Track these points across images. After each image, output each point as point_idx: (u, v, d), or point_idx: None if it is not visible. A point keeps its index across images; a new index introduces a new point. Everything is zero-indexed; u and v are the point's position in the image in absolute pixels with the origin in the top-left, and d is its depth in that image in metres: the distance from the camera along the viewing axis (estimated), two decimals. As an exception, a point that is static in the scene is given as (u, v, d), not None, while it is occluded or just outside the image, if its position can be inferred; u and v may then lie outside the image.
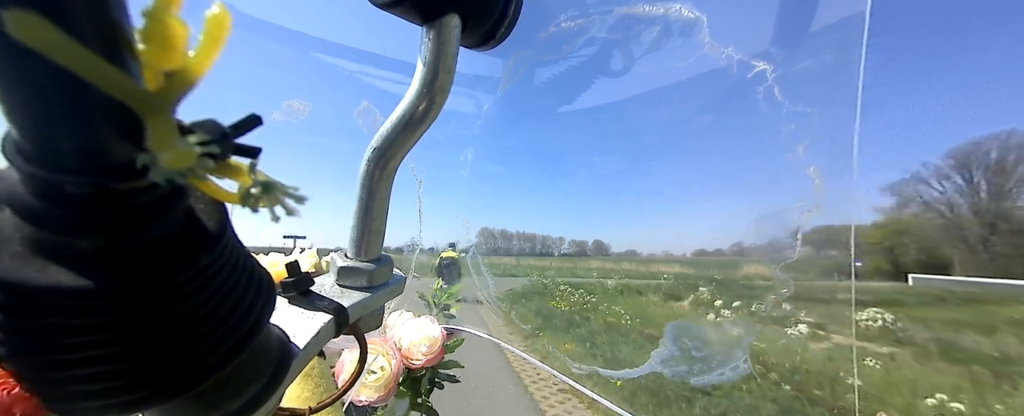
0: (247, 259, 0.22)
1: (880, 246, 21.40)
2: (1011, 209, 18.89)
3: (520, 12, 0.34)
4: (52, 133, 0.14)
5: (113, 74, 0.13)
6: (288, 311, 0.34)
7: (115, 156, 0.15)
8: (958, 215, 20.12)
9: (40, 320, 0.15)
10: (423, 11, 0.30)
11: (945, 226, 20.62)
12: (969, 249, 19.44)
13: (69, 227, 0.15)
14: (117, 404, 0.17)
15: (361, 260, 0.39)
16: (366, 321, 0.42)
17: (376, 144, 0.34)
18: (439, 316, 1.11)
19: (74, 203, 0.15)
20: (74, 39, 0.12)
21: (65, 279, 0.15)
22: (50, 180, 0.14)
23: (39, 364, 0.16)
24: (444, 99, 0.33)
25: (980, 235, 19.30)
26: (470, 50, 0.36)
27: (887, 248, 21.38)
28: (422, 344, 0.94)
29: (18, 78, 0.12)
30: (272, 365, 0.26)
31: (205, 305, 0.19)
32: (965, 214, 19.98)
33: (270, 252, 0.75)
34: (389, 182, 0.37)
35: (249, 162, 0.17)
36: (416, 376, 0.98)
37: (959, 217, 20.07)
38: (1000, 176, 19.32)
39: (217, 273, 0.19)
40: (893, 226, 21.63)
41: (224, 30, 0.15)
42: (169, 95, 0.15)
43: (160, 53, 0.14)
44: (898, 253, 21.34)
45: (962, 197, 20.14)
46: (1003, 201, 19.23)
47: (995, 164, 19.40)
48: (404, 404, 0.97)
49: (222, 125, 0.17)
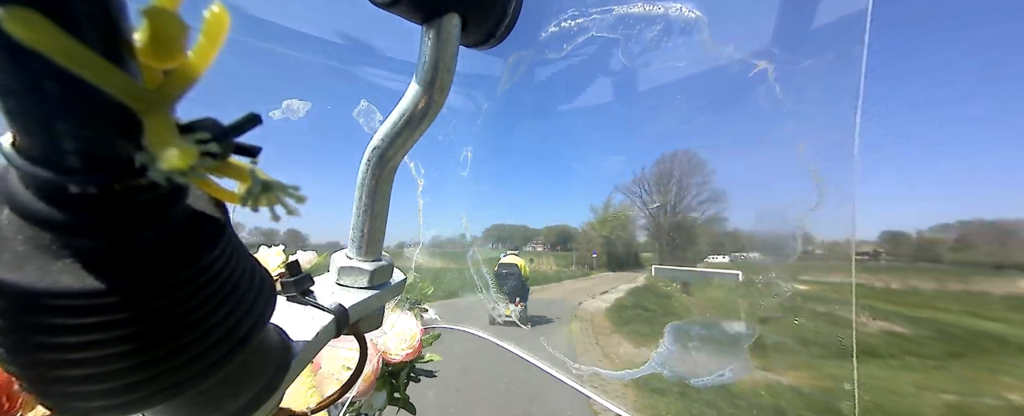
0: (247, 258, 0.22)
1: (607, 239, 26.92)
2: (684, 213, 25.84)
3: (520, 11, 0.34)
4: (51, 132, 0.14)
5: (112, 73, 0.13)
6: (289, 311, 0.34)
7: (115, 155, 0.15)
8: (655, 215, 26.68)
9: (41, 321, 0.15)
10: (423, 10, 0.30)
11: (647, 225, 27.29)
12: (662, 245, 25.95)
13: (69, 227, 0.15)
14: (119, 404, 0.17)
15: (361, 260, 0.39)
16: (367, 321, 0.42)
17: (376, 144, 0.34)
18: (414, 312, 1.11)
19: (74, 203, 0.15)
20: (73, 38, 0.12)
21: (66, 279, 0.15)
22: (50, 180, 0.14)
23: (41, 365, 0.16)
24: (444, 98, 0.33)
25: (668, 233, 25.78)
26: (470, 49, 0.36)
27: (611, 241, 26.90)
28: (400, 339, 0.96)
29: (17, 77, 0.12)
30: (273, 365, 0.26)
31: (206, 305, 0.19)
32: (659, 215, 26.57)
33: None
34: (389, 182, 0.37)
35: (249, 161, 0.17)
36: (394, 370, 1.00)
37: (656, 217, 26.57)
38: (669, 184, 26.32)
39: (218, 273, 0.19)
40: (614, 222, 27.14)
41: (223, 29, 0.15)
42: (168, 94, 0.15)
43: (159, 52, 0.14)
44: (619, 247, 26.99)
45: (656, 200, 26.60)
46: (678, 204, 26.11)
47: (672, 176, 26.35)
48: (381, 397, 0.98)
49: (222, 124, 0.16)
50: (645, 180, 27.56)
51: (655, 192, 26.84)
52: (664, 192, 26.58)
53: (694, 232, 25.74)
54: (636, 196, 27.86)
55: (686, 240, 25.88)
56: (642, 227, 27.80)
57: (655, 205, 26.21)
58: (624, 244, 27.57)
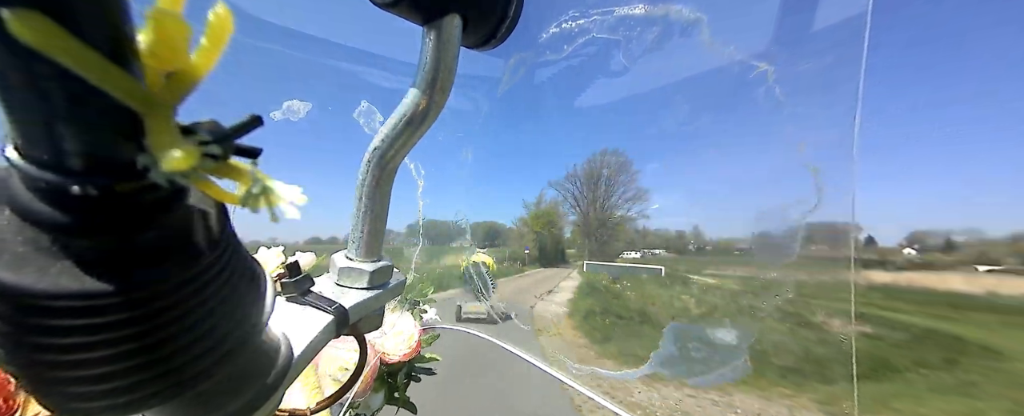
0: (247, 260, 0.22)
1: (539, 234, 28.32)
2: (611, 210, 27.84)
3: (521, 12, 0.34)
4: (53, 134, 0.14)
5: (115, 74, 0.13)
6: (289, 311, 0.34)
7: (116, 157, 0.15)
8: (584, 213, 28.68)
9: (41, 322, 0.15)
10: (424, 11, 0.30)
11: (576, 221, 29.23)
12: (591, 241, 27.90)
13: (70, 228, 0.15)
14: (119, 405, 0.17)
15: (361, 261, 0.39)
16: (366, 322, 0.42)
17: (376, 144, 0.34)
18: (413, 313, 1.11)
19: (75, 204, 0.15)
20: (77, 39, 0.12)
21: (66, 281, 0.15)
22: (51, 181, 0.14)
23: (41, 365, 0.16)
24: (445, 99, 0.33)
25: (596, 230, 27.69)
26: (471, 50, 0.36)
27: (542, 236, 28.06)
28: (398, 339, 0.96)
29: (20, 78, 0.12)
30: (273, 365, 0.26)
31: (206, 306, 0.19)
32: (587, 212, 28.56)
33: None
34: (389, 182, 0.37)
35: (250, 163, 0.17)
36: (392, 370, 1.00)
37: (585, 215, 28.60)
38: (598, 183, 28.26)
39: (218, 274, 0.19)
40: (546, 217, 28.45)
41: (226, 32, 0.15)
42: (170, 96, 0.15)
43: (162, 54, 0.14)
44: (549, 243, 28.30)
45: (585, 196, 28.74)
46: (606, 202, 28.16)
47: (600, 175, 28.19)
48: (379, 398, 0.98)
49: (223, 126, 0.16)
50: (577, 176, 28.96)
51: (586, 189, 28.20)
52: (593, 188, 27.97)
53: (618, 229, 27.20)
54: (568, 192, 29.21)
55: (612, 236, 27.27)
56: (571, 223, 29.21)
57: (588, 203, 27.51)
58: (554, 240, 28.46)
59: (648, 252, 27.68)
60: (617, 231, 27.47)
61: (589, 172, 28.21)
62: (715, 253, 26.44)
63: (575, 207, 28.61)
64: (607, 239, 27.35)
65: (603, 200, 27.75)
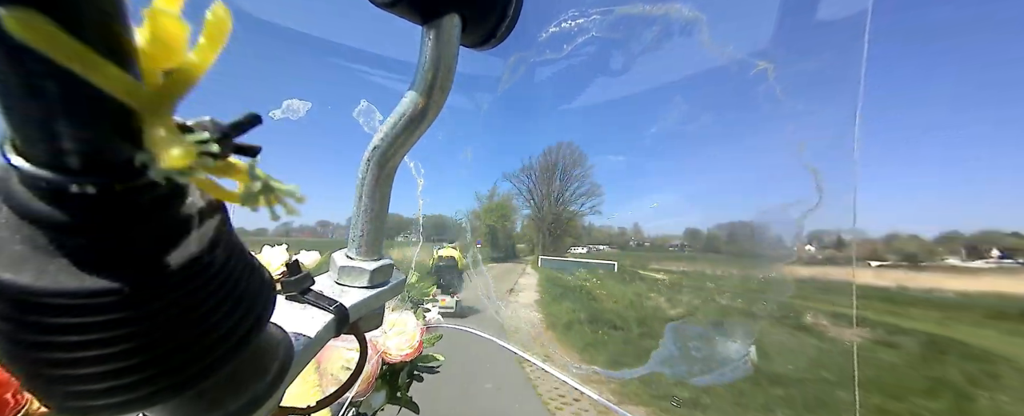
0: (247, 258, 0.22)
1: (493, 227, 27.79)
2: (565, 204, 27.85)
3: (520, 12, 0.34)
4: (52, 132, 0.14)
5: (113, 73, 0.13)
6: (289, 310, 0.34)
7: (114, 155, 0.15)
8: (539, 206, 28.36)
9: (40, 320, 0.15)
10: (423, 10, 0.30)
11: (530, 215, 28.98)
12: (544, 235, 27.74)
13: (69, 227, 0.15)
14: (118, 403, 0.17)
15: (362, 259, 0.39)
16: (367, 320, 0.42)
17: (376, 143, 0.34)
18: (416, 312, 1.11)
19: (73, 203, 0.15)
20: (75, 38, 0.12)
21: (65, 279, 0.15)
22: (49, 180, 0.14)
23: (40, 364, 0.16)
24: (444, 99, 0.33)
25: (550, 225, 27.58)
26: (470, 50, 0.36)
27: (494, 230, 27.59)
28: (400, 338, 0.95)
29: (17, 76, 0.12)
30: (273, 364, 0.26)
31: (205, 304, 0.19)
32: (542, 205, 28.32)
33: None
34: (389, 182, 0.37)
35: (249, 161, 0.17)
36: (395, 369, 0.99)
37: (539, 208, 28.31)
38: (553, 176, 27.75)
39: (218, 272, 0.19)
40: (500, 211, 27.77)
41: (224, 30, 0.15)
42: (168, 94, 0.15)
43: (160, 52, 0.14)
44: (501, 237, 27.93)
45: (539, 190, 28.37)
46: (561, 196, 27.97)
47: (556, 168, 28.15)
48: (380, 397, 0.98)
49: (222, 124, 0.16)
50: (532, 169, 28.16)
51: (540, 183, 27.60)
52: (548, 182, 27.40)
53: (570, 224, 27.07)
54: (523, 184, 28.31)
55: (564, 231, 27.08)
56: (525, 216, 28.62)
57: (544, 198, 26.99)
58: (506, 234, 27.95)
59: (593, 248, 27.75)
60: (569, 226, 27.39)
61: (544, 165, 27.70)
62: (652, 249, 26.61)
63: (529, 200, 28.22)
64: (560, 234, 27.32)
65: (558, 194, 27.47)
